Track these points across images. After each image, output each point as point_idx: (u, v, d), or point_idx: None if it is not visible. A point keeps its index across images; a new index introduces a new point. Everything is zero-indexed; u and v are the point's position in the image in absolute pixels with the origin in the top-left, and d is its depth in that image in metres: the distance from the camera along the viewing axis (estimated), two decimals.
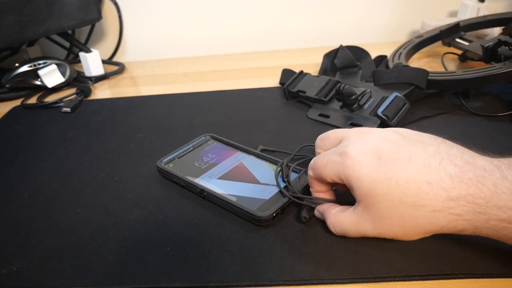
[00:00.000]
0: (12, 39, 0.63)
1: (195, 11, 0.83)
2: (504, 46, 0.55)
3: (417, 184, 0.28)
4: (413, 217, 0.29)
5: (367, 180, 0.30)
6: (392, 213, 0.29)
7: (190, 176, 0.41)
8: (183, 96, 0.64)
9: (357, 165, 0.30)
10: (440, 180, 0.28)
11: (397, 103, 0.50)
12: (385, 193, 0.29)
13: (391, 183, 0.29)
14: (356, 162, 0.30)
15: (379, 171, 0.29)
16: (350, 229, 0.32)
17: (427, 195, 0.28)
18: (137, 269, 0.32)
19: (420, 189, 0.28)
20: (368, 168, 0.30)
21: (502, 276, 0.30)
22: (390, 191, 0.29)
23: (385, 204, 0.29)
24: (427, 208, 0.28)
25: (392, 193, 0.29)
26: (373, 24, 0.85)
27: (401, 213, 0.29)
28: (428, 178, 0.28)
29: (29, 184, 0.44)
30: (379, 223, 0.30)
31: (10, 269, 0.33)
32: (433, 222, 0.28)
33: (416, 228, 0.29)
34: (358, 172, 0.30)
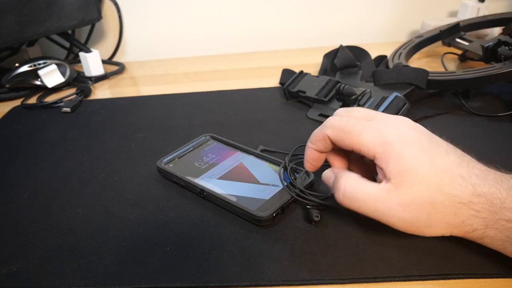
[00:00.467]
0: (12, 39, 0.63)
1: (195, 11, 0.83)
2: (504, 46, 0.55)
3: (453, 175, 0.29)
4: (442, 205, 0.29)
5: (409, 158, 0.29)
6: (425, 197, 0.29)
7: (190, 176, 0.41)
8: (183, 96, 0.64)
9: (402, 141, 0.30)
10: (470, 177, 0.29)
11: (397, 103, 0.50)
12: (425, 175, 0.29)
13: (432, 167, 0.29)
14: (402, 137, 0.30)
15: (422, 153, 0.29)
16: (365, 200, 0.30)
17: (460, 186, 0.28)
18: (137, 269, 0.32)
19: (455, 179, 0.29)
20: (413, 148, 0.29)
21: (502, 276, 0.30)
22: (429, 174, 0.29)
23: (421, 186, 0.29)
24: (457, 199, 0.28)
25: (431, 177, 0.29)
26: (373, 24, 0.85)
27: (432, 199, 0.29)
28: (461, 172, 0.29)
29: (29, 184, 0.44)
30: (408, 205, 0.29)
31: (10, 269, 0.33)
32: (458, 213, 0.29)
33: (441, 218, 0.29)
34: (402, 148, 0.29)
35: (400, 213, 0.29)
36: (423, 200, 0.29)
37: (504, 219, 0.28)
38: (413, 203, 0.29)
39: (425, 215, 0.29)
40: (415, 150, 0.29)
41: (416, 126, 0.32)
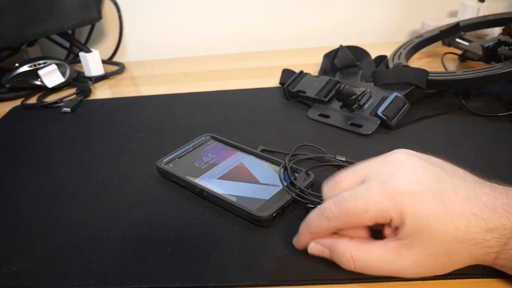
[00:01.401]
0: (12, 39, 0.63)
1: (195, 11, 0.83)
2: (504, 46, 0.55)
3: (466, 217, 0.27)
4: (457, 251, 0.27)
5: (423, 216, 0.27)
6: (440, 250, 0.27)
7: (190, 176, 0.41)
8: (183, 96, 0.64)
9: (412, 199, 0.27)
10: (481, 212, 0.27)
11: (397, 103, 0.50)
12: (440, 230, 0.27)
13: (446, 218, 0.27)
14: (411, 195, 0.27)
15: (434, 203, 0.27)
16: (378, 266, 0.28)
17: (474, 228, 0.27)
18: (137, 269, 0.32)
19: (469, 222, 0.27)
20: (424, 199, 0.27)
21: (502, 276, 0.30)
22: (445, 227, 0.27)
23: (437, 241, 0.27)
24: (472, 242, 0.27)
25: (447, 229, 0.27)
26: (373, 24, 0.85)
27: (448, 249, 0.27)
28: (473, 209, 0.27)
29: (29, 184, 0.44)
30: (423, 261, 0.28)
31: (10, 269, 0.33)
32: (473, 255, 0.27)
33: (457, 263, 0.28)
34: (414, 207, 0.27)
35: (415, 269, 0.28)
36: (438, 253, 0.27)
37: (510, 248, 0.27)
38: (427, 259, 0.28)
39: (440, 265, 0.28)
40: (426, 201, 0.27)
41: (412, 162, 0.29)
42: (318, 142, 0.47)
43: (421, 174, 0.28)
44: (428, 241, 0.27)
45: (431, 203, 0.27)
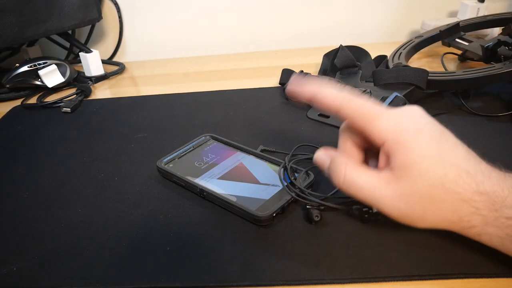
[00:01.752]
0: (12, 39, 0.63)
1: (195, 11, 0.83)
2: (504, 46, 0.55)
3: (459, 171, 0.28)
4: (441, 199, 0.28)
5: (417, 151, 0.29)
6: (424, 192, 0.28)
7: (190, 176, 0.41)
8: (183, 96, 0.64)
9: (414, 130, 0.29)
10: (475, 173, 0.28)
11: (397, 103, 0.49)
12: (429, 170, 0.28)
13: (439, 161, 0.28)
14: (415, 127, 0.30)
15: (432, 144, 0.29)
16: (364, 188, 0.30)
17: (463, 182, 0.28)
18: (137, 269, 0.32)
19: (460, 176, 0.28)
20: (424, 139, 0.29)
21: (502, 276, 0.30)
22: (435, 169, 0.28)
23: (423, 180, 0.28)
24: (458, 196, 0.28)
25: (436, 171, 0.28)
26: (373, 24, 0.85)
27: (432, 194, 0.28)
28: (468, 168, 0.28)
29: (29, 184, 0.44)
30: (406, 197, 0.29)
31: (10, 269, 0.33)
32: (456, 211, 0.28)
33: (438, 215, 0.29)
34: (413, 138, 0.29)
35: (396, 202, 0.29)
36: (422, 194, 0.28)
37: (504, 216, 0.28)
38: (411, 196, 0.29)
39: (421, 209, 0.29)
40: (425, 141, 0.29)
41: (430, 117, 0.32)
42: (318, 142, 0.47)
43: (431, 125, 0.30)
44: (416, 177, 0.28)
45: (429, 143, 0.29)
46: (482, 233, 0.29)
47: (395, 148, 0.29)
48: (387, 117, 0.30)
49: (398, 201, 0.29)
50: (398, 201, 0.29)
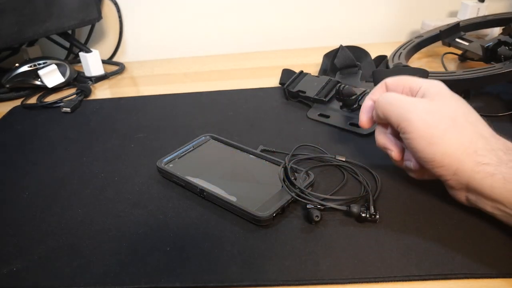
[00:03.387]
0: (12, 39, 0.63)
1: (195, 11, 0.83)
2: (504, 46, 0.55)
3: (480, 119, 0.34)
4: (462, 126, 0.32)
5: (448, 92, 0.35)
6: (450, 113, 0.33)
7: (190, 176, 0.41)
8: (183, 96, 0.64)
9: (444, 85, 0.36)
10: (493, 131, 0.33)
11: None
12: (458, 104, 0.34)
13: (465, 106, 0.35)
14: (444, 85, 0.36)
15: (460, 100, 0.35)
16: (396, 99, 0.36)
17: (483, 125, 0.33)
18: (137, 269, 0.32)
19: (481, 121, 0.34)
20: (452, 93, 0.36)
21: (502, 276, 0.30)
22: (462, 105, 0.34)
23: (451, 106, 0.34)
24: (477, 129, 0.32)
25: (463, 107, 0.34)
26: (373, 24, 0.85)
27: (456, 117, 0.33)
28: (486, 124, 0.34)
29: (29, 184, 0.44)
30: (432, 112, 0.33)
31: (10, 269, 0.33)
32: (473, 141, 0.31)
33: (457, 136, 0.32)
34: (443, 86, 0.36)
35: (424, 114, 0.33)
36: (448, 114, 0.33)
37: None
38: (438, 112, 0.33)
39: (444, 126, 0.32)
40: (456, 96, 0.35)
41: None
42: (318, 142, 0.47)
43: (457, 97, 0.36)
44: (446, 103, 0.34)
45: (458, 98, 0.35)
46: (496, 173, 0.29)
47: (429, 88, 0.35)
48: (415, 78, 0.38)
49: (425, 113, 0.33)
50: (425, 114, 0.33)
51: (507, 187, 0.29)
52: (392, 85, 0.39)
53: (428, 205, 0.36)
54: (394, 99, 0.36)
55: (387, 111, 0.36)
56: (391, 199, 0.37)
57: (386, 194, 0.38)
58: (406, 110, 0.34)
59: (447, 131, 0.32)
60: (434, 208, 0.36)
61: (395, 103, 0.35)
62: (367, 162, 0.43)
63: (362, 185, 0.39)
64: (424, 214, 0.35)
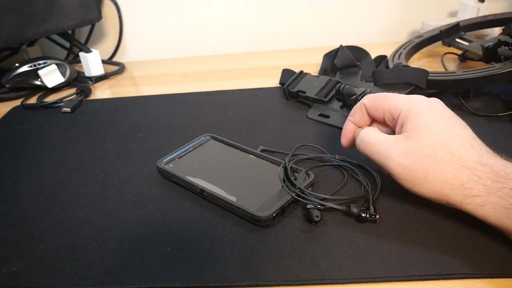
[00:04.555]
0: (12, 39, 0.63)
1: (195, 11, 0.83)
2: (504, 46, 0.55)
3: (464, 142, 0.31)
4: (444, 163, 0.31)
5: (427, 118, 0.33)
6: (429, 151, 0.31)
7: (190, 176, 0.41)
8: (183, 96, 0.64)
9: (427, 106, 0.34)
10: (480, 149, 0.31)
11: None
12: (436, 134, 0.32)
13: (445, 130, 0.32)
14: (428, 104, 0.34)
15: (442, 119, 0.33)
16: (375, 144, 0.35)
17: (467, 152, 0.31)
18: (137, 269, 0.32)
19: (465, 146, 0.31)
20: (435, 114, 0.33)
21: (502, 276, 0.30)
22: (440, 134, 0.32)
23: (428, 141, 0.32)
24: (460, 161, 0.30)
25: (441, 136, 0.32)
26: (373, 24, 0.85)
27: (435, 155, 0.31)
28: (473, 143, 0.32)
29: (29, 184, 0.44)
30: (410, 153, 0.32)
31: (10, 269, 0.33)
32: (458, 175, 0.30)
33: (440, 175, 0.31)
34: (425, 109, 0.33)
35: (401, 158, 0.32)
36: (426, 152, 0.31)
37: (509, 187, 0.28)
38: (415, 153, 0.32)
39: (424, 167, 0.31)
40: (436, 115, 0.33)
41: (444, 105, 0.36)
42: (318, 142, 0.47)
43: (443, 107, 0.35)
44: (423, 137, 0.32)
45: (439, 115, 0.33)
46: (486, 203, 0.29)
47: (408, 115, 0.34)
48: (402, 96, 0.36)
49: (403, 157, 0.32)
50: (403, 157, 0.32)
51: (498, 215, 0.29)
52: (371, 108, 0.37)
53: (428, 205, 0.36)
54: (373, 143, 0.35)
55: (368, 154, 0.35)
56: (391, 199, 0.37)
57: (386, 194, 0.38)
58: (384, 156, 0.33)
59: (428, 171, 0.31)
60: (434, 208, 0.36)
61: (374, 148, 0.35)
62: (367, 162, 0.43)
63: (362, 185, 0.39)
64: (424, 214, 0.35)
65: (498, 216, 0.29)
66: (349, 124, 0.40)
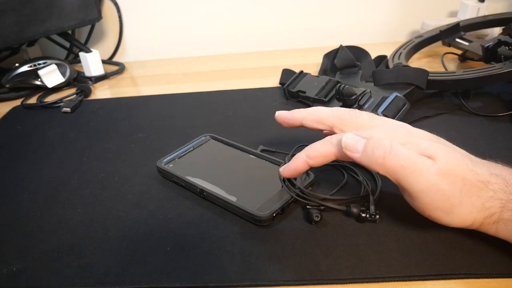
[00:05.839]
0: (12, 39, 0.63)
1: (195, 11, 0.83)
2: (504, 46, 0.55)
3: (468, 158, 0.30)
4: (470, 182, 0.29)
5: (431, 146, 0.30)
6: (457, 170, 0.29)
7: (190, 176, 0.41)
8: (183, 96, 0.64)
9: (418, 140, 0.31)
10: (481, 162, 0.30)
11: (397, 103, 0.49)
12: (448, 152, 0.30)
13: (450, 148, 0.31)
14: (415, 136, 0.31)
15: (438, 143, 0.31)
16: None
17: (477, 167, 0.29)
18: (137, 269, 0.32)
19: (471, 161, 0.30)
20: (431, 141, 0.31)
21: (502, 276, 0.30)
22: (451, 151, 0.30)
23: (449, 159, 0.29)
24: (480, 177, 0.29)
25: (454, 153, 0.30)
26: (373, 24, 0.85)
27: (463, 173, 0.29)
28: (472, 158, 0.31)
29: (29, 184, 0.44)
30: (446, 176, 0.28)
31: (10, 269, 0.33)
32: (480, 195, 0.29)
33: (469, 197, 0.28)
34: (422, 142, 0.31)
35: (441, 182, 0.28)
36: (456, 172, 0.29)
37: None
38: (450, 174, 0.28)
39: (459, 191, 0.28)
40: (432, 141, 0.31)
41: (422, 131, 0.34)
42: None
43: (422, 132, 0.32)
44: (443, 157, 0.29)
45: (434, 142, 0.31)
46: (499, 220, 0.29)
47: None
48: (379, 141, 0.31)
49: (441, 180, 0.28)
50: (441, 181, 0.28)
51: (509, 229, 0.29)
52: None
53: None
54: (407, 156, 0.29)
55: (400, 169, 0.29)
56: (391, 199, 0.37)
57: (386, 194, 0.38)
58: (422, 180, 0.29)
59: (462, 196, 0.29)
60: None
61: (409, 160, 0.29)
62: None
63: (362, 185, 0.39)
64: None
65: (510, 231, 0.29)
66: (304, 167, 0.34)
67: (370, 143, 0.30)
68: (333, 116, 0.36)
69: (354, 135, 0.32)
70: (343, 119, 0.35)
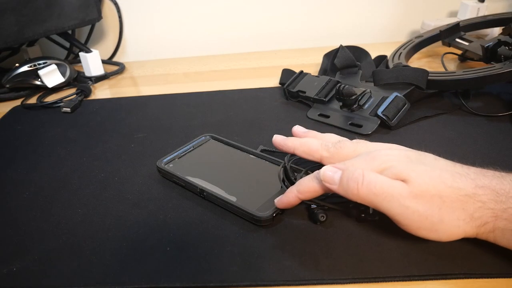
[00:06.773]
0: (12, 39, 0.63)
1: (195, 11, 0.83)
2: (504, 46, 0.55)
3: (450, 172, 0.30)
4: (450, 198, 0.29)
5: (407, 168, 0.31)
6: (432, 190, 0.29)
7: (190, 176, 0.41)
8: (183, 96, 0.64)
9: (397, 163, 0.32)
10: (467, 174, 0.30)
11: (397, 103, 0.50)
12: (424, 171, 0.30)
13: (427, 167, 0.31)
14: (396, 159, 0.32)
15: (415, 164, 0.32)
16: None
17: (460, 180, 0.29)
18: (137, 269, 0.32)
19: (454, 175, 0.30)
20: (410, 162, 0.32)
21: (502, 276, 0.30)
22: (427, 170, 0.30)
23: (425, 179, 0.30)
24: (461, 191, 0.29)
25: (431, 172, 0.30)
26: (373, 24, 0.85)
27: (439, 192, 0.29)
28: (457, 170, 0.31)
29: (29, 184, 0.44)
30: (420, 197, 0.29)
31: (10, 269, 0.33)
32: (465, 207, 0.29)
33: (451, 213, 0.29)
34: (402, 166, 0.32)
35: (415, 204, 0.29)
36: (431, 192, 0.29)
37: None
38: (424, 195, 0.29)
39: (437, 209, 0.29)
40: (410, 162, 0.32)
41: (399, 146, 0.35)
42: None
43: (404, 151, 0.34)
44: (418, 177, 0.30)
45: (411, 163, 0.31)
46: (495, 229, 0.29)
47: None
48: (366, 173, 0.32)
49: (415, 202, 0.29)
50: (415, 203, 0.29)
51: (507, 237, 0.29)
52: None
53: None
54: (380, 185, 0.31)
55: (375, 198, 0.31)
56: None
57: None
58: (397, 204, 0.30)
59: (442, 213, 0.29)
60: None
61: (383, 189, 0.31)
62: None
63: None
64: None
65: (508, 239, 0.29)
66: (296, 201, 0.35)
67: (345, 175, 0.32)
68: (321, 149, 0.37)
69: (332, 167, 0.33)
70: (330, 152, 0.37)
